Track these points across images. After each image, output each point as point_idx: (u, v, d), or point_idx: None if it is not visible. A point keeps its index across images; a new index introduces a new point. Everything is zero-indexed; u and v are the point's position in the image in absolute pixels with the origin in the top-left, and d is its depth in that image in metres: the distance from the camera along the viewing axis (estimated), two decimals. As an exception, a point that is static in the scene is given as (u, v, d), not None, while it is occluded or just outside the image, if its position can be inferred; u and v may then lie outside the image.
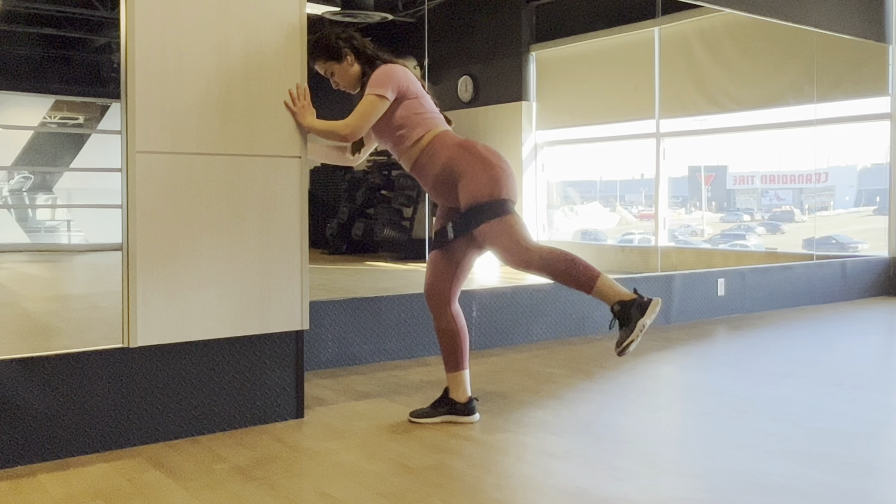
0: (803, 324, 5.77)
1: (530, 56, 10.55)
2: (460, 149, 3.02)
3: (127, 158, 2.79)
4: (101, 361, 2.78)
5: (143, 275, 2.80)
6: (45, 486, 2.45)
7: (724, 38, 8.69)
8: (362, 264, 10.33)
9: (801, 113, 8.09)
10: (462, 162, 2.99)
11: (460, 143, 3.05)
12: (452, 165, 3.00)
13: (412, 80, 3.09)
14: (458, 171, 2.99)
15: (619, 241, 10.91)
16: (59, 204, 13.74)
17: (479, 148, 3.03)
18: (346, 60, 3.13)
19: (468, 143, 3.05)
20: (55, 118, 13.75)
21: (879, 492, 2.43)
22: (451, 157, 3.01)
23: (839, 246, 8.98)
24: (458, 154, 3.01)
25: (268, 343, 3.11)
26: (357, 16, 9.70)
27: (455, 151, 3.01)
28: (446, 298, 3.14)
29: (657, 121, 9.27)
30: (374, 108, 2.99)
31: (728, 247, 10.17)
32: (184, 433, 2.93)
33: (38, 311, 6.31)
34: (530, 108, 10.52)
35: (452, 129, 3.18)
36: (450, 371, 3.16)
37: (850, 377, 3.98)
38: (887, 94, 7.43)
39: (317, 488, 2.43)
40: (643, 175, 10.88)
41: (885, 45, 7.38)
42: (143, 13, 2.78)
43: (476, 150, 3.02)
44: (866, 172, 10.26)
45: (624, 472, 2.57)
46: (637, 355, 4.55)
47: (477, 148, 3.03)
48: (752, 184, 11.76)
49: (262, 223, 3.04)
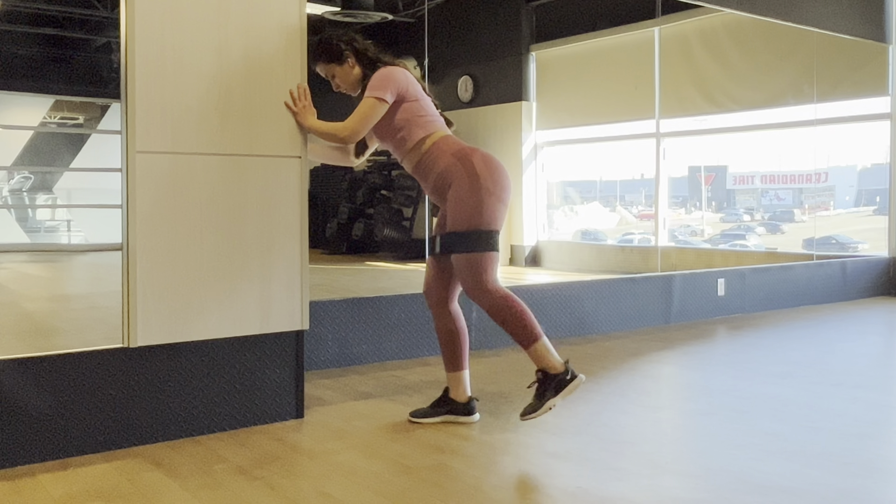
0: (803, 324, 5.77)
1: (530, 56, 10.55)
2: (456, 160, 2.98)
3: (127, 158, 2.78)
4: (101, 361, 2.78)
5: (143, 275, 2.80)
6: (45, 486, 2.45)
7: (724, 38, 8.69)
8: (362, 264, 10.34)
9: (801, 113, 8.10)
10: (455, 175, 2.96)
11: (458, 152, 3.01)
12: (446, 177, 2.99)
13: (412, 82, 3.09)
14: (449, 184, 2.98)
15: (619, 242, 10.92)
16: (59, 204, 13.75)
17: (475, 160, 2.98)
18: (348, 63, 3.13)
19: (465, 153, 3.00)
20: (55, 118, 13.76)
21: (879, 492, 2.43)
22: (447, 167, 2.99)
23: (839, 246, 8.98)
24: (453, 165, 2.98)
25: (268, 343, 3.11)
26: (357, 16, 9.69)
27: (451, 162, 2.99)
28: (445, 298, 3.15)
29: (657, 121, 9.27)
30: (374, 110, 2.99)
31: (728, 247, 10.18)
32: (184, 433, 2.93)
33: (38, 311, 6.31)
34: (530, 108, 10.53)
35: (453, 131, 3.18)
36: (450, 371, 3.16)
37: (850, 377, 3.98)
38: (887, 94, 7.43)
39: (317, 488, 2.43)
40: (643, 175, 10.88)
41: (885, 45, 7.38)
42: (143, 13, 2.78)
43: (471, 164, 2.97)
44: (866, 172, 10.26)
45: (624, 472, 2.57)
46: (637, 355, 4.55)
47: (473, 160, 2.98)
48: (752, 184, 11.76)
49: (262, 223, 3.04)
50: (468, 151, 3.02)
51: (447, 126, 3.16)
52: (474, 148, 3.07)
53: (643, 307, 5.42)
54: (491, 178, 2.97)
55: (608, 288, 5.28)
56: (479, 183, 2.94)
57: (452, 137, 3.11)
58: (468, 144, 3.13)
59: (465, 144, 3.08)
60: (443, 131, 3.10)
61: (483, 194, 2.94)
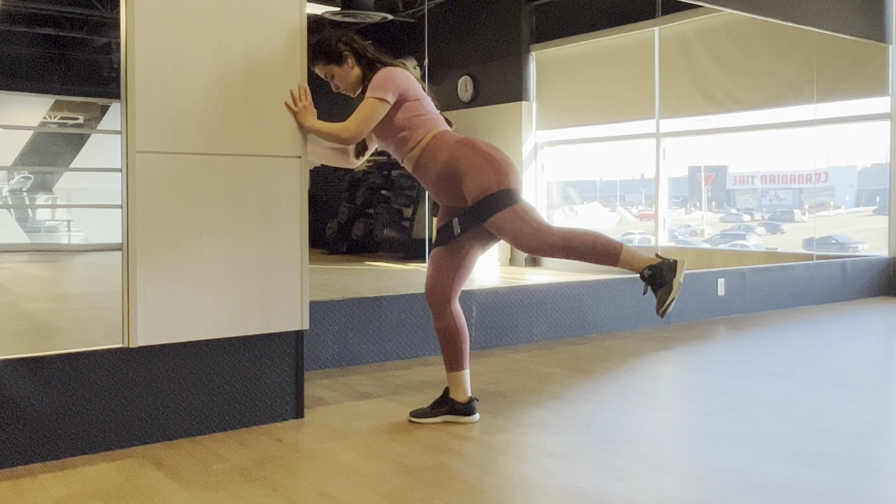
0: (803, 324, 5.77)
1: (530, 56, 10.55)
2: (461, 146, 3.02)
3: (127, 158, 2.78)
4: (101, 361, 2.78)
5: (143, 275, 2.80)
6: (45, 486, 2.45)
7: (724, 38, 8.69)
8: (362, 264, 10.34)
9: (801, 113, 8.10)
10: (464, 159, 2.99)
11: (461, 140, 3.05)
12: (454, 163, 3.00)
13: (413, 82, 3.09)
14: (461, 169, 2.99)
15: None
16: (59, 204, 13.75)
17: (479, 144, 3.04)
18: (347, 63, 3.12)
19: (468, 140, 3.06)
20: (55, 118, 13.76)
21: (879, 492, 2.43)
22: (453, 154, 3.01)
23: (839, 246, 8.98)
24: (459, 151, 3.01)
25: (268, 343, 3.11)
26: (357, 16, 9.70)
27: (456, 149, 3.02)
28: (447, 296, 3.14)
29: (657, 121, 9.28)
30: (375, 111, 2.99)
31: (728, 247, 10.18)
32: (184, 433, 2.93)
33: (38, 311, 6.31)
34: (530, 108, 10.53)
35: (454, 130, 3.18)
36: (450, 371, 3.16)
37: (850, 377, 3.98)
38: (887, 94, 7.43)
39: (317, 488, 2.43)
40: (643, 175, 10.88)
41: (885, 45, 7.38)
42: (143, 13, 2.78)
43: (477, 147, 3.03)
44: (866, 172, 10.26)
45: (624, 472, 2.57)
46: (637, 355, 4.55)
47: (477, 144, 3.04)
48: (752, 184, 11.76)
49: (262, 223, 3.04)
50: (471, 139, 3.08)
51: (448, 125, 3.17)
52: (474, 137, 3.12)
53: (643, 307, 5.42)
54: (501, 157, 3.03)
55: (608, 288, 5.28)
56: (492, 157, 3.00)
57: (451, 132, 3.13)
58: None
59: (464, 136, 3.11)
60: (442, 128, 3.12)
61: (500, 164, 2.99)
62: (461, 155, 3.00)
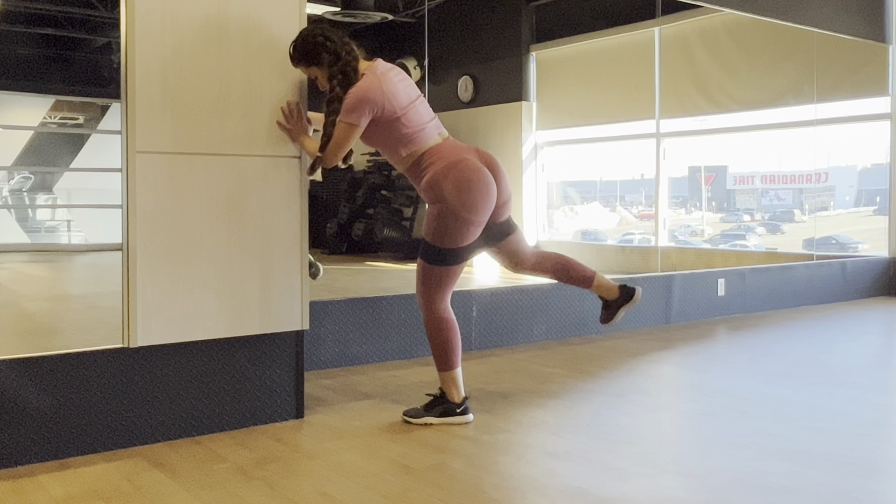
0: (803, 324, 5.77)
1: (530, 56, 10.55)
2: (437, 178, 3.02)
3: (127, 158, 2.78)
4: (101, 361, 2.78)
5: (143, 275, 2.80)
6: (45, 486, 2.45)
7: (724, 38, 8.69)
8: (362, 264, 10.34)
9: (801, 113, 8.10)
10: (432, 191, 3.04)
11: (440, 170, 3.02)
12: (427, 190, 3.06)
13: (393, 94, 2.98)
14: (436, 197, 3.03)
15: (619, 242, 10.92)
16: (59, 204, 13.74)
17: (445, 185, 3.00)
18: (326, 64, 3.00)
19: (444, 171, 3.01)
20: (55, 118, 13.75)
21: (879, 492, 2.43)
22: (429, 181, 3.04)
23: (839, 246, 8.98)
24: (433, 182, 3.03)
25: (268, 343, 3.11)
26: (357, 16, 9.70)
27: (430, 179, 3.03)
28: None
29: (657, 121, 9.28)
30: (347, 137, 2.97)
31: (728, 247, 10.18)
32: (184, 433, 2.93)
33: (38, 311, 6.31)
34: (530, 108, 10.52)
35: (446, 127, 3.19)
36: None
37: (850, 377, 3.98)
38: (887, 95, 7.43)
39: (317, 488, 2.43)
40: (643, 175, 10.88)
41: (885, 45, 7.38)
42: (143, 13, 2.78)
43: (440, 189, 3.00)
44: (866, 172, 10.26)
45: (624, 472, 2.57)
46: (637, 355, 4.55)
47: (443, 186, 3.00)
48: (752, 184, 11.76)
49: (262, 223, 3.04)
50: (449, 167, 3.02)
51: (441, 126, 3.16)
52: (461, 157, 3.05)
53: (643, 307, 5.42)
54: (459, 200, 2.99)
55: (608, 288, 5.27)
56: (446, 207, 3.01)
57: (436, 148, 3.07)
58: (464, 144, 3.13)
59: (450, 154, 3.05)
60: (428, 144, 3.07)
61: (448, 219, 3.01)
62: (431, 188, 3.03)
